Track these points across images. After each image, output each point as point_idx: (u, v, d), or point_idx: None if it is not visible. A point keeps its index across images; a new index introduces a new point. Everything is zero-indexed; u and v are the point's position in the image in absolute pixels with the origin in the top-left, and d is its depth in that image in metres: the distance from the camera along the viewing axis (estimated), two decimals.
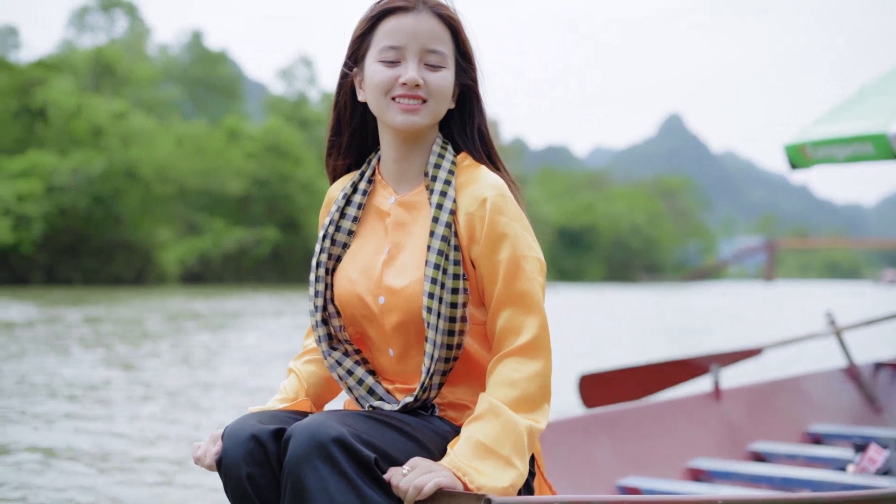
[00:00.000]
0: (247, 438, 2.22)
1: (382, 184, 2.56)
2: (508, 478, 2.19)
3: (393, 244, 2.48)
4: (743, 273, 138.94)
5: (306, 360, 2.64)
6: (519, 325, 2.34)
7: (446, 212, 2.39)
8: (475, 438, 2.24)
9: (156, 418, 8.06)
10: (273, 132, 58.13)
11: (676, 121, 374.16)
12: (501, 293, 2.35)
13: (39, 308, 23.51)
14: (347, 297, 2.49)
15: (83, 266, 46.86)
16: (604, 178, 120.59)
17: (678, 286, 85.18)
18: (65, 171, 45.78)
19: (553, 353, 2.38)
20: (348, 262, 2.53)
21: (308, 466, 2.10)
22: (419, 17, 2.43)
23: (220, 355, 13.52)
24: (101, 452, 6.43)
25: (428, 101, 2.42)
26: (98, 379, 10.46)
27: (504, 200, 2.41)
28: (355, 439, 2.14)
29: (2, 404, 8.41)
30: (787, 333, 18.41)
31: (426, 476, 2.13)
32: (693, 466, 4.35)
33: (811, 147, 5.14)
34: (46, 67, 53.06)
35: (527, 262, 2.37)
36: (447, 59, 2.44)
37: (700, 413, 4.75)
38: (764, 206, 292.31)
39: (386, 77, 2.41)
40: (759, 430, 4.98)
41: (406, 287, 2.40)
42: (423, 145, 2.50)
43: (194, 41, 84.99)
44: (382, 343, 2.48)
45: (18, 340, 14.54)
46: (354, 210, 2.55)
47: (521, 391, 2.28)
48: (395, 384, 2.49)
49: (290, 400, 2.52)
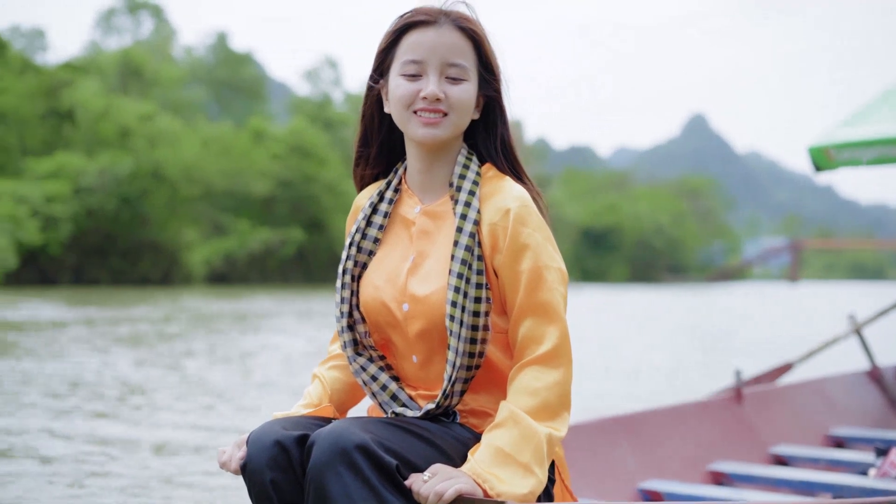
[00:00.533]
0: (271, 444, 2.26)
1: (408, 193, 2.59)
2: (528, 485, 2.22)
3: (418, 252, 2.51)
4: (767, 274, 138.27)
5: (330, 365, 2.68)
6: (540, 334, 2.37)
7: (470, 222, 2.41)
8: (495, 445, 2.26)
9: (212, 414, 8.38)
10: (298, 133, 58.37)
11: (700, 121, 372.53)
12: (523, 303, 2.38)
13: (73, 308, 23.86)
14: (372, 303, 2.53)
15: (110, 266, 47.20)
16: (628, 179, 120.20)
17: (702, 287, 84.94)
18: (92, 173, 46.11)
19: (574, 362, 2.40)
20: (374, 270, 2.56)
21: (331, 472, 2.13)
22: (440, 30, 2.45)
23: (257, 355, 13.81)
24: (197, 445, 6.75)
25: (449, 114, 2.44)
26: (146, 378, 10.79)
27: (527, 211, 2.43)
28: (377, 446, 2.16)
29: (71, 403, 8.69)
30: (812, 335, 18.47)
31: (447, 482, 2.16)
32: (714, 470, 4.33)
33: (835, 150, 5.14)
34: (74, 69, 53.47)
35: (549, 273, 2.39)
36: (468, 72, 2.46)
37: (721, 416, 4.73)
38: (788, 207, 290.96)
39: (407, 91, 2.44)
40: (780, 433, 4.94)
41: (430, 295, 2.43)
42: (447, 156, 2.52)
43: (219, 42, 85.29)
44: (406, 350, 2.51)
45: (59, 340, 14.85)
46: (380, 218, 2.58)
47: (541, 399, 2.31)
48: (417, 390, 2.52)
49: (314, 406, 2.56)
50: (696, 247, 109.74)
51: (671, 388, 10.55)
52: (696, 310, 34.54)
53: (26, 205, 42.99)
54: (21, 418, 7.73)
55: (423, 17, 2.46)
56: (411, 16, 2.47)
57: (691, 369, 12.97)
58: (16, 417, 7.76)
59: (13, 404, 8.43)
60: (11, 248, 40.73)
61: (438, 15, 2.46)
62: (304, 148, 57.43)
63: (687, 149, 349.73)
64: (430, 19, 2.45)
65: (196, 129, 57.23)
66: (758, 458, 4.71)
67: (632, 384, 11.18)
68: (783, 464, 4.73)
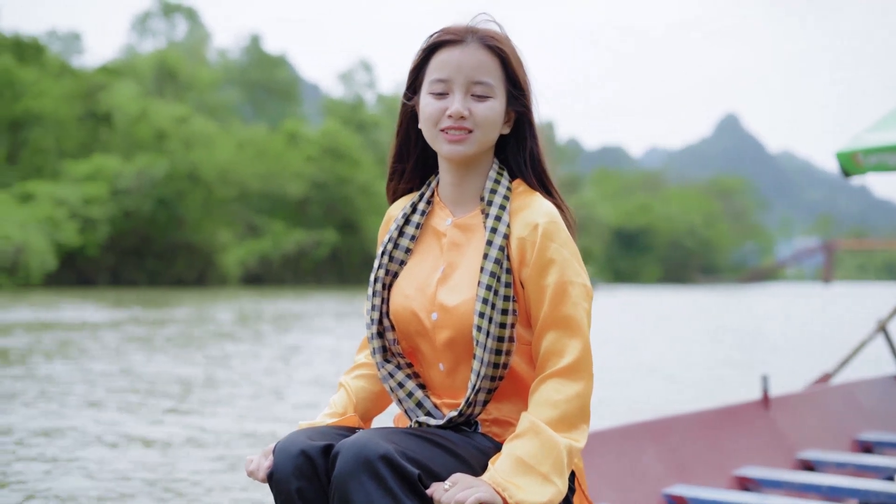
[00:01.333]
0: (297, 454, 2.30)
1: (440, 206, 2.63)
2: (547, 494, 2.25)
3: (448, 264, 2.55)
4: (800, 274, 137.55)
5: (356, 374, 2.72)
6: (562, 347, 2.41)
7: (500, 235, 2.46)
8: (515, 455, 2.30)
9: (276, 408, 8.78)
10: (331, 135, 58.75)
11: (733, 120, 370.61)
12: (547, 316, 2.42)
13: (118, 309, 24.39)
14: (402, 311, 2.56)
15: (146, 267, 47.71)
16: (660, 179, 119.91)
17: (735, 287, 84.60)
18: (129, 175, 46.63)
19: (594, 376, 2.45)
20: (404, 279, 2.60)
21: (355, 482, 2.18)
22: (466, 49, 2.49)
23: (304, 353, 14.24)
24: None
25: (474, 131, 2.48)
26: (207, 375, 11.30)
27: (555, 227, 2.46)
28: (400, 456, 2.20)
29: (136, 400, 9.08)
30: (847, 338, 18.53)
31: (467, 491, 2.19)
32: (741, 475, 4.33)
33: (863, 154, 5.13)
34: (110, 72, 54.05)
35: (573, 288, 2.43)
36: (494, 89, 2.49)
37: (749, 421, 4.72)
38: (822, 207, 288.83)
39: (435, 109, 2.49)
40: (808, 438, 4.94)
41: (458, 305, 2.47)
42: (478, 170, 2.57)
43: (252, 45, 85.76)
44: (433, 358, 2.55)
45: (109, 340, 15.34)
46: (413, 229, 2.63)
47: (561, 411, 2.36)
48: (442, 399, 2.56)
49: (339, 415, 2.61)
50: (729, 247, 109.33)
51: (706, 392, 10.65)
52: (729, 311, 34.50)
53: (65, 207, 43.56)
54: (121, 412, 8.09)
55: (451, 37, 2.51)
56: (440, 35, 2.53)
57: (724, 372, 13.09)
58: (117, 412, 8.09)
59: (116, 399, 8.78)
60: (50, 249, 41.28)
61: (465, 34, 2.51)
62: (337, 150, 57.82)
63: (719, 148, 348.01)
64: (457, 38, 2.50)
65: (231, 131, 57.73)
66: (785, 463, 4.69)
67: (665, 387, 11.29)
68: (810, 469, 4.72)
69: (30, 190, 44.05)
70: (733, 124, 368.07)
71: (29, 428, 7.40)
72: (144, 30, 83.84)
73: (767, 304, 42.72)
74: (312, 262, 55.09)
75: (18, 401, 8.82)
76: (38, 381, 10.20)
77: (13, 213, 40.94)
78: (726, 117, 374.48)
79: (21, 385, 9.85)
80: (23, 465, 6.04)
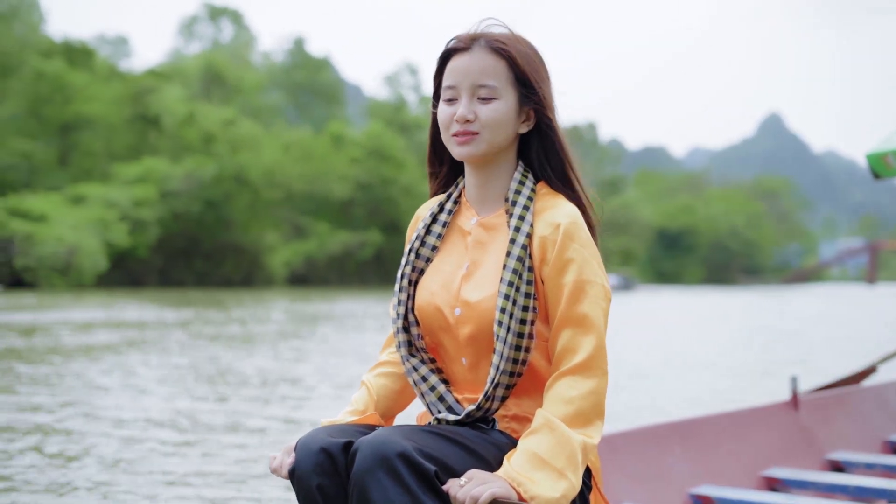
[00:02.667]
0: (317, 450, 2.35)
1: (466, 206, 2.69)
2: (560, 488, 2.28)
3: (472, 261, 2.61)
4: (844, 275, 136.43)
5: (378, 373, 2.77)
6: (576, 345, 2.44)
7: (523, 234, 2.51)
8: (531, 451, 2.33)
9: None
10: (375, 137, 59.26)
11: (776, 120, 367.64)
12: (564, 314, 2.47)
13: (177, 309, 25.09)
14: (427, 307, 2.62)
15: (195, 268, 48.47)
16: (702, 180, 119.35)
17: (777, 288, 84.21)
18: (178, 177, 47.38)
19: (609, 373, 2.48)
20: (430, 276, 2.67)
21: (372, 479, 2.22)
22: (472, 55, 2.55)
23: (368, 349, 14.74)
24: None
25: (480, 132, 2.53)
26: (283, 369, 11.91)
27: (576, 228, 2.51)
28: (417, 453, 2.24)
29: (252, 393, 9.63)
30: (889, 338, 18.65)
31: (482, 487, 2.23)
32: (768, 475, 4.30)
33: (893, 156, 5.01)
34: (158, 76, 54.76)
35: (591, 287, 2.47)
36: (499, 91, 2.54)
37: (777, 422, 4.68)
38: (866, 207, 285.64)
39: (445, 115, 2.57)
40: (837, 439, 4.88)
41: (481, 301, 2.52)
42: (500, 171, 2.63)
43: (296, 47, 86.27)
44: (456, 353, 2.60)
45: (183, 337, 16.04)
46: (439, 228, 2.70)
47: (575, 408, 2.39)
48: (464, 394, 2.61)
49: (360, 413, 2.66)
50: (772, 248, 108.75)
51: (746, 392, 10.74)
52: (771, 312, 34.43)
53: (115, 208, 44.33)
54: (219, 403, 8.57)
55: (458, 45, 2.58)
56: (450, 44, 2.61)
57: (765, 371, 13.27)
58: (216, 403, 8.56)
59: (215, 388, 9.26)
60: (102, 250, 42.05)
61: (472, 41, 2.56)
62: (381, 151, 58.32)
63: (762, 148, 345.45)
64: (464, 46, 2.57)
65: (276, 133, 58.34)
66: (814, 464, 4.64)
67: (706, 386, 11.46)
68: (840, 470, 4.66)
69: (81, 192, 44.90)
70: (776, 124, 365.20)
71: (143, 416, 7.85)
72: (191, 34, 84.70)
73: (810, 305, 42.53)
74: (357, 263, 55.68)
75: (110, 390, 9.29)
76: (134, 374, 10.73)
77: (65, 214, 41.77)
78: (769, 117, 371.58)
79: (108, 380, 10.32)
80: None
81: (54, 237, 39.63)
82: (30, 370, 10.94)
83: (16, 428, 7.18)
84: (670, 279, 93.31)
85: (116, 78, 53.83)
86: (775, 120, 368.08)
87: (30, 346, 13.83)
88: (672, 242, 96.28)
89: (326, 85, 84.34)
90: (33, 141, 48.32)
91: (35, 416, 7.79)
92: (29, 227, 39.60)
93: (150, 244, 45.68)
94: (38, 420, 7.58)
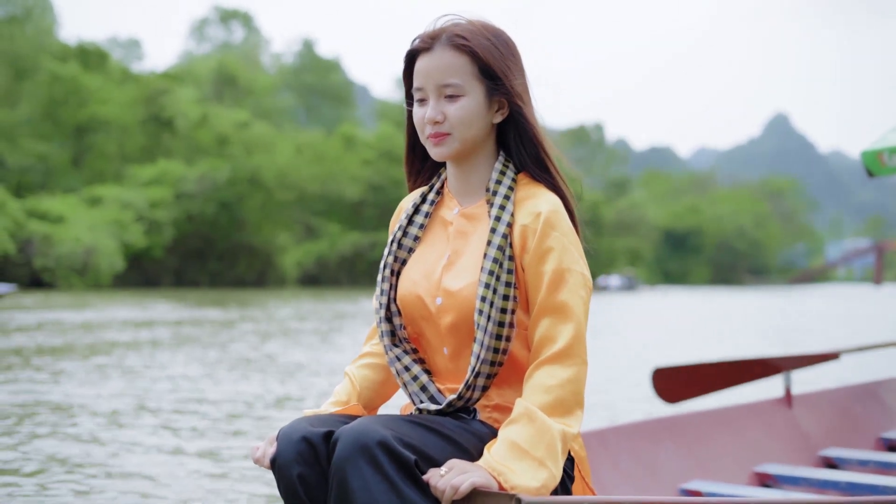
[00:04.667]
0: (298, 439, 2.36)
1: (449, 196, 2.71)
2: (540, 478, 2.29)
3: (453, 251, 2.62)
4: (851, 276, 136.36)
5: (361, 364, 2.77)
6: (555, 333, 2.45)
7: (504, 224, 2.52)
8: (511, 440, 2.34)
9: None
10: (386, 138, 59.71)
11: (782, 120, 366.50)
12: (543, 302, 2.47)
13: (202, 309, 25.64)
14: (408, 297, 2.63)
15: (209, 269, 49.07)
16: (709, 180, 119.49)
17: (784, 289, 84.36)
18: (193, 179, 47.94)
19: (588, 363, 2.49)
20: (412, 266, 2.67)
21: (352, 467, 2.23)
22: (434, 54, 2.54)
23: None
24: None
25: (451, 133, 2.54)
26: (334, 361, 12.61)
27: (557, 217, 2.51)
28: (397, 442, 2.25)
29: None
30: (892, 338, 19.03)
31: (462, 476, 2.24)
32: (760, 471, 4.30)
33: (888, 154, 4.94)
34: (171, 78, 55.29)
35: (570, 276, 2.47)
36: (464, 87, 2.53)
37: (770, 418, 4.67)
38: (873, 207, 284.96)
39: (418, 119, 2.58)
40: (830, 437, 4.87)
41: (462, 289, 2.53)
42: (479, 162, 2.64)
43: (306, 49, 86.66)
44: (438, 342, 2.62)
45: (224, 334, 16.74)
46: (422, 218, 2.71)
47: (554, 397, 2.39)
48: (446, 384, 2.62)
49: (343, 404, 2.66)
50: (778, 249, 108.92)
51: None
52: (778, 311, 34.48)
53: (131, 210, 44.90)
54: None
55: (421, 45, 2.57)
56: (413, 45, 2.61)
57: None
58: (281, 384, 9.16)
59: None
60: (119, 251, 42.65)
61: (432, 40, 2.56)
62: (393, 153, 58.58)
63: (768, 149, 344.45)
64: (426, 46, 2.56)
65: (288, 135, 58.82)
66: (807, 461, 4.62)
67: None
68: (832, 467, 4.63)
69: (98, 193, 45.45)
70: (783, 124, 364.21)
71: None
72: (201, 36, 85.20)
73: (816, 305, 42.59)
74: (367, 263, 56.07)
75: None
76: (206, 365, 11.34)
77: (83, 215, 42.37)
78: (776, 117, 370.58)
79: (149, 374, 10.91)
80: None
81: (72, 238, 40.24)
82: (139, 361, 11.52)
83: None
84: (677, 280, 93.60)
85: (130, 80, 54.34)
86: (782, 120, 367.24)
87: (134, 341, 14.39)
88: (679, 243, 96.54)
89: (336, 86, 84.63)
90: (48, 143, 48.88)
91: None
92: (47, 228, 40.19)
93: (166, 245, 46.23)
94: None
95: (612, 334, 19.38)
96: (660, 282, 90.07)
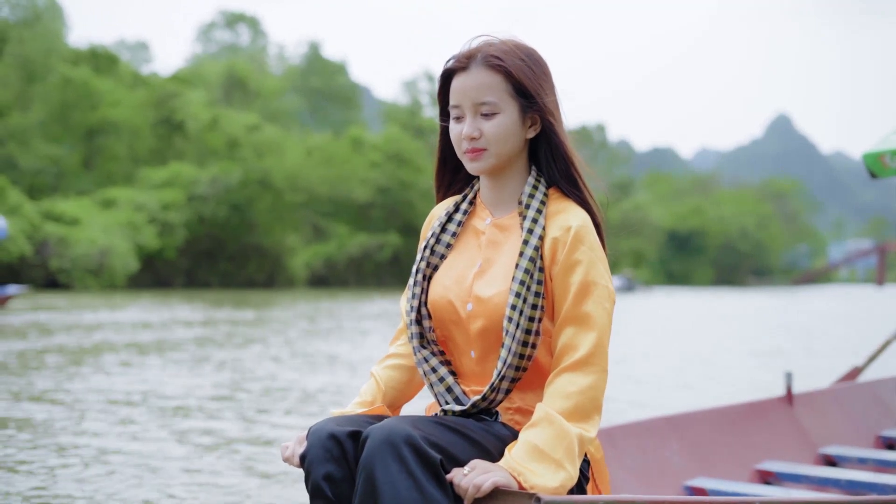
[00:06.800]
0: (326, 438, 2.44)
1: (481, 206, 2.79)
2: (559, 479, 2.37)
3: (485, 259, 2.69)
4: (853, 276, 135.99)
5: (386, 365, 2.86)
6: (577, 342, 2.52)
7: (536, 236, 2.60)
8: (531, 442, 2.41)
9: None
10: (394, 141, 60.10)
11: (784, 121, 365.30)
12: (568, 312, 2.55)
13: (221, 309, 26.08)
14: (439, 301, 2.71)
15: (219, 270, 49.48)
16: (711, 181, 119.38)
17: (787, 289, 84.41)
18: (204, 181, 48.36)
19: (609, 371, 2.56)
20: (444, 272, 2.75)
21: (380, 463, 2.29)
22: (470, 74, 2.62)
23: None
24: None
25: (487, 148, 2.63)
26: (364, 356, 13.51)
27: (586, 231, 2.59)
28: (424, 442, 2.32)
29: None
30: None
31: (484, 476, 2.32)
32: (762, 469, 4.37)
33: (890, 156, 4.96)
34: (181, 81, 55.81)
35: (596, 288, 2.55)
36: (500, 105, 2.61)
37: (772, 417, 4.74)
38: (875, 208, 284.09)
39: (455, 135, 2.67)
40: (831, 435, 4.95)
41: (492, 297, 2.60)
42: (513, 175, 2.72)
43: (312, 52, 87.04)
44: (465, 346, 2.69)
45: (261, 333, 17.15)
46: (454, 227, 2.78)
47: (573, 402, 2.47)
48: (471, 386, 2.69)
49: (368, 404, 2.75)
50: (781, 250, 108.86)
51: (748, 388, 10.95)
52: (781, 311, 34.87)
53: (144, 212, 45.39)
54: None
55: (456, 65, 2.66)
56: (448, 64, 2.70)
57: (768, 368, 13.41)
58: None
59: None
60: (132, 252, 43.14)
61: (467, 60, 2.64)
62: (400, 155, 59.21)
63: (770, 149, 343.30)
64: (461, 66, 2.65)
65: (296, 137, 59.27)
66: (807, 459, 4.71)
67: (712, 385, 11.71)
68: (832, 464, 4.72)
69: (111, 196, 45.90)
70: (785, 125, 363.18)
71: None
72: (209, 40, 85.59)
73: (819, 305, 42.69)
74: (375, 265, 56.49)
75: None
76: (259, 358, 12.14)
77: (96, 217, 42.84)
78: (778, 118, 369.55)
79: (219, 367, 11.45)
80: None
81: (87, 239, 40.71)
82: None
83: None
84: (680, 280, 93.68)
85: (140, 83, 54.82)
86: (784, 121, 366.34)
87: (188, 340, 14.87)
88: (682, 244, 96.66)
89: (342, 89, 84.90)
90: (60, 145, 49.31)
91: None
92: (63, 230, 40.65)
93: (178, 246, 46.65)
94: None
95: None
96: (664, 283, 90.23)
